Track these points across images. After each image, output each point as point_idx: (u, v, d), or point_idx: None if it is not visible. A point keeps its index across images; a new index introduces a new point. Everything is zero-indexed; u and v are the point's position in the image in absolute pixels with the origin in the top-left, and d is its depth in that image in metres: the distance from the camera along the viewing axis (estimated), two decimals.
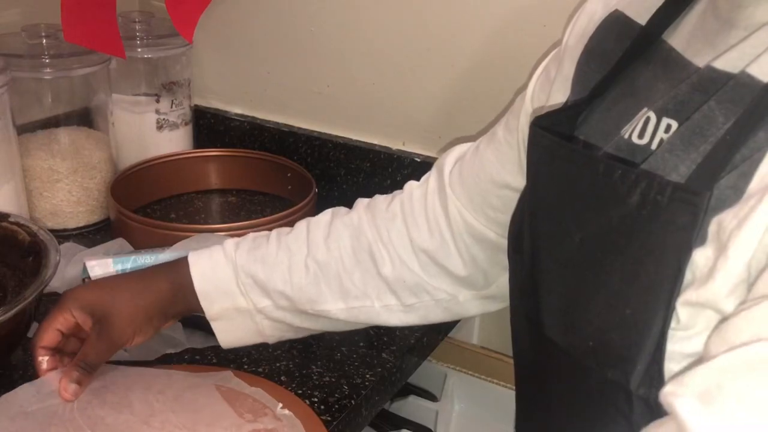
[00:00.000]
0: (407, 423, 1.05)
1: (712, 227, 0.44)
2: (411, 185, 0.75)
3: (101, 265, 0.83)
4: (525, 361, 0.62)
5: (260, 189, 1.16)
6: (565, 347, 0.52)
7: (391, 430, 1.04)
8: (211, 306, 0.72)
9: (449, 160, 0.72)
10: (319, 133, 1.13)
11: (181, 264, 0.73)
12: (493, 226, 0.68)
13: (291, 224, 0.95)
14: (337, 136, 1.12)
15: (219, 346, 0.80)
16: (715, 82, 0.48)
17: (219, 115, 1.22)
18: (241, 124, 1.20)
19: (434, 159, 1.03)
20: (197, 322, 0.82)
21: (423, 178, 0.75)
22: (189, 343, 0.80)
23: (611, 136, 0.54)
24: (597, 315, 0.49)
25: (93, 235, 1.03)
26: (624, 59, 0.55)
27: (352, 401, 0.74)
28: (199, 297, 0.71)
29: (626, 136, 0.52)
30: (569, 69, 0.60)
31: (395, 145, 1.08)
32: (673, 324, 0.45)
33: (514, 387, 0.65)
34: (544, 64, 0.66)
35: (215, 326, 0.73)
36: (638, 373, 0.46)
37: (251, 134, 1.19)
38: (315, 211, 1.04)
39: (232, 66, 1.19)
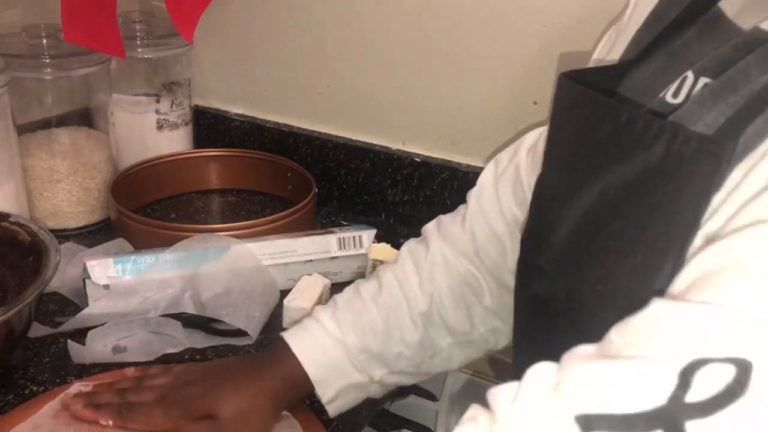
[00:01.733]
0: (407, 423, 1.05)
1: (735, 173, 0.43)
2: (477, 197, 0.73)
3: (101, 265, 0.83)
4: (525, 307, 0.62)
5: (260, 189, 1.16)
6: (572, 291, 0.52)
7: (391, 430, 1.04)
8: (327, 391, 0.69)
9: (522, 151, 0.71)
10: (319, 133, 1.13)
11: (285, 357, 0.68)
12: None
13: (291, 224, 0.97)
14: (337, 136, 1.12)
15: (219, 346, 0.80)
16: (759, 42, 0.47)
17: (219, 115, 1.22)
18: (241, 124, 1.20)
19: (434, 159, 1.05)
20: (197, 322, 0.83)
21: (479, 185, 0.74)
22: (189, 343, 0.80)
23: (648, 97, 0.53)
24: (607, 260, 0.49)
25: (93, 235, 1.03)
26: (673, 24, 0.55)
27: None
28: (316, 386, 0.68)
29: (661, 96, 0.52)
30: (631, 31, 0.59)
31: (395, 145, 1.08)
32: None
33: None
34: (613, 27, 0.65)
35: (330, 407, 0.70)
36: None
37: (251, 134, 1.19)
38: (315, 211, 1.04)
39: (232, 66, 1.19)
